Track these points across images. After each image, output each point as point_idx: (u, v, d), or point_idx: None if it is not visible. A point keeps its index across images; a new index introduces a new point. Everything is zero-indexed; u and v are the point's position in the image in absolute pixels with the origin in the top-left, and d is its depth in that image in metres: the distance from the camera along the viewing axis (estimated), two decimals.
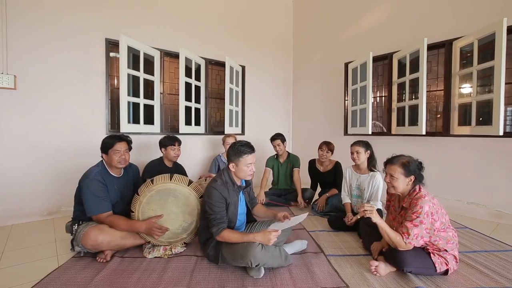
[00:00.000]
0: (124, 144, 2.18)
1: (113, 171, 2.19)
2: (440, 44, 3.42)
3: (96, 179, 2.04)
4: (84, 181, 2.04)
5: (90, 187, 2.00)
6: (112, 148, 2.11)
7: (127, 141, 2.22)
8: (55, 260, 2.03)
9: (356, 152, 2.70)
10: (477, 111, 3.06)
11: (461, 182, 3.27)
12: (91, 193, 2.00)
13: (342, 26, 4.56)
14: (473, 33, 3.00)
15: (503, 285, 1.71)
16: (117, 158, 2.12)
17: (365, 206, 1.81)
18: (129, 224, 2.04)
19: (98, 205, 2.01)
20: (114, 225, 2.02)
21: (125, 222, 2.04)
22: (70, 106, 3.12)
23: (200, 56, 4.10)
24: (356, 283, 1.73)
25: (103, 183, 2.06)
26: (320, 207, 3.21)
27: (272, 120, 5.17)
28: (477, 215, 3.12)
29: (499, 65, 2.67)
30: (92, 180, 2.03)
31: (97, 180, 2.04)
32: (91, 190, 2.00)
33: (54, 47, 3.02)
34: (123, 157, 2.15)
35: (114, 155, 2.11)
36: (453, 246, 1.78)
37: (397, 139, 3.83)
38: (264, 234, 1.79)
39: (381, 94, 4.24)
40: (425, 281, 1.74)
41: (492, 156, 3.03)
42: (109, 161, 2.13)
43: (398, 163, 1.81)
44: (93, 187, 2.01)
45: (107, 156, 2.13)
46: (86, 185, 2.01)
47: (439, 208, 1.75)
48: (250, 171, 1.95)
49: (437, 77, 3.59)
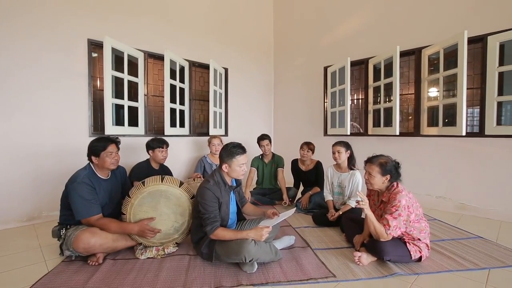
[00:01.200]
0: (115, 145, 2.19)
1: (101, 173, 2.18)
2: (411, 52, 3.71)
3: (84, 182, 2.02)
4: (72, 184, 2.01)
5: (79, 191, 1.99)
6: (105, 150, 2.10)
7: (116, 142, 2.23)
8: (44, 266, 1.99)
9: (337, 152, 2.87)
10: (443, 113, 3.36)
11: (430, 178, 3.57)
12: (79, 197, 1.98)
13: (321, 32, 4.77)
14: (440, 42, 3.30)
15: (467, 267, 1.94)
16: (110, 160, 2.12)
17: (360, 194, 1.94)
18: (121, 227, 2.05)
19: (87, 209, 1.99)
20: (105, 228, 2.02)
21: (116, 225, 2.05)
22: (52, 108, 3.03)
23: (184, 58, 4.12)
24: (342, 272, 1.88)
25: (91, 186, 2.05)
26: (303, 204, 3.36)
27: (255, 122, 5.29)
28: (445, 208, 3.43)
29: (462, 72, 2.96)
30: (80, 183, 2.01)
31: (86, 183, 2.02)
32: (80, 193, 1.98)
33: (34, 48, 2.92)
34: (115, 159, 2.16)
35: (107, 157, 2.11)
36: (425, 235, 1.99)
37: (373, 139, 4.09)
38: (257, 231, 1.89)
39: (358, 96, 4.49)
40: (402, 267, 1.93)
41: (457, 154, 3.35)
42: (101, 164, 2.12)
43: (376, 162, 1.99)
44: (81, 190, 1.99)
45: (99, 159, 2.11)
46: (74, 188, 1.99)
47: (414, 201, 1.95)
48: (242, 170, 2.04)
49: (409, 82, 3.89)
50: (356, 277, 1.82)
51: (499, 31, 3.00)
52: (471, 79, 3.31)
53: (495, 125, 3.07)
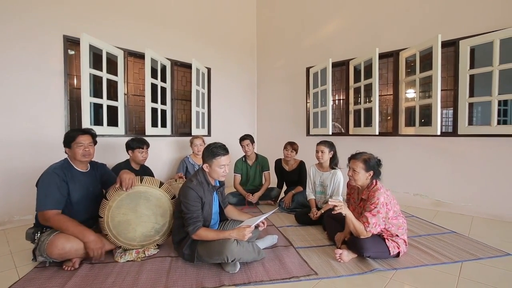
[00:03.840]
0: (88, 137, 2.09)
1: (77, 165, 2.09)
2: (389, 54, 3.84)
3: (54, 173, 1.92)
4: (43, 175, 1.93)
5: (45, 179, 1.90)
6: (75, 141, 2.01)
7: (90, 134, 2.13)
8: (14, 272, 1.89)
9: (321, 151, 2.92)
10: (420, 113, 3.49)
11: (408, 176, 3.70)
12: (43, 186, 1.88)
13: (303, 34, 4.84)
14: (416, 45, 3.43)
15: (441, 261, 2.03)
16: (81, 151, 2.03)
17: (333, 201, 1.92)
18: (79, 230, 1.87)
19: (45, 199, 1.85)
20: (60, 226, 1.85)
21: (74, 227, 1.86)
22: (25, 107, 2.89)
23: (166, 57, 4.04)
24: (323, 270, 1.91)
25: (62, 179, 1.94)
26: (286, 204, 3.39)
27: (238, 122, 5.27)
28: (421, 205, 3.56)
29: (436, 74, 3.09)
30: (50, 173, 1.92)
31: (55, 174, 1.92)
32: (45, 182, 1.89)
33: (5, 44, 2.77)
34: (87, 150, 2.06)
35: (77, 148, 2.02)
36: (403, 231, 2.05)
37: (354, 139, 4.19)
38: (239, 231, 1.88)
39: (339, 97, 4.58)
40: (381, 263, 1.98)
41: (432, 153, 3.49)
42: (73, 155, 2.04)
43: (360, 159, 2.04)
44: (47, 179, 1.90)
45: (70, 150, 2.03)
46: (42, 177, 1.92)
47: (392, 198, 2.01)
48: (223, 172, 2.02)
49: (387, 83, 4.01)
50: (337, 274, 1.85)
51: (469, 35, 3.16)
52: (445, 81, 3.46)
53: (467, 125, 3.22)
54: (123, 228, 2.06)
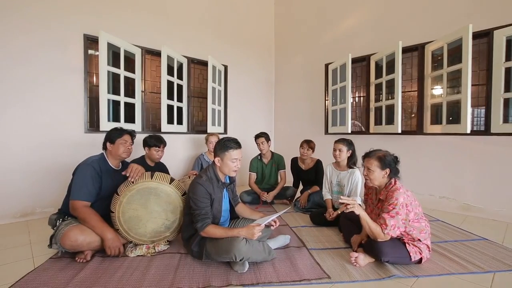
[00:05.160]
0: (130, 137, 2.26)
1: (112, 162, 2.20)
2: (413, 47, 3.61)
3: (91, 166, 2.05)
4: (81, 165, 2.06)
5: (83, 170, 2.03)
6: (121, 138, 2.17)
7: (131, 134, 2.30)
8: (31, 262, 1.95)
9: (338, 149, 2.78)
10: (447, 110, 3.25)
11: (433, 178, 3.46)
12: (80, 177, 2.01)
13: (322, 29, 4.69)
14: (443, 37, 3.19)
15: (470, 270, 1.84)
16: (124, 148, 2.17)
17: (345, 199, 1.83)
18: (100, 227, 1.94)
19: (79, 190, 1.97)
20: (85, 218, 1.93)
21: (96, 223, 1.94)
22: (46, 104, 3.00)
23: (182, 55, 4.07)
24: (337, 274, 1.79)
25: (97, 173, 2.06)
26: (302, 203, 3.28)
27: (255, 119, 5.21)
28: (448, 209, 3.31)
29: (466, 68, 2.86)
30: (88, 165, 2.05)
31: (92, 167, 2.04)
32: (82, 173, 2.01)
33: (29, 44, 2.89)
34: (129, 148, 2.22)
35: (121, 145, 2.16)
36: (425, 235, 1.89)
37: (375, 138, 3.99)
38: (248, 229, 1.82)
39: (359, 94, 4.40)
40: (401, 269, 1.83)
41: (461, 153, 3.23)
42: (115, 151, 2.16)
43: (374, 156, 1.91)
44: (85, 171, 2.02)
45: (113, 146, 2.16)
46: (80, 168, 2.05)
47: (413, 199, 1.85)
48: (235, 167, 1.97)
49: (411, 79, 3.78)
50: (352, 278, 1.73)
51: (505, 25, 2.89)
52: (476, 76, 3.20)
53: (501, 123, 2.95)
54: (134, 223, 2.06)
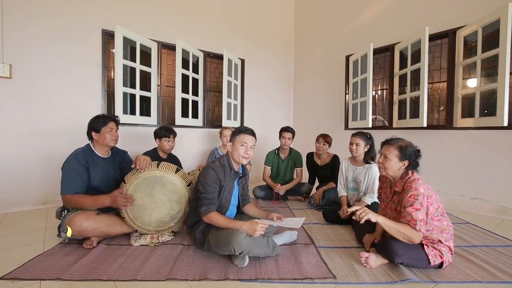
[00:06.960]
0: (114, 123, 2.19)
1: (100, 151, 2.17)
2: (443, 34, 3.30)
3: (75, 158, 2.02)
4: (66, 160, 2.04)
5: (67, 165, 2.01)
6: (106, 126, 2.10)
7: (115, 121, 2.23)
8: (41, 246, 2.02)
9: (355, 144, 2.60)
10: (480, 102, 2.93)
11: (464, 177, 3.14)
12: (64, 172, 1.99)
13: (343, 19, 4.46)
14: (477, 20, 2.88)
15: (501, 279, 1.61)
16: (111, 136, 2.12)
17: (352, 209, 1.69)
18: (93, 199, 1.97)
19: (66, 184, 1.97)
20: (79, 204, 1.96)
21: (88, 199, 1.98)
22: (66, 97, 3.13)
23: (198, 49, 4.06)
24: (344, 274, 1.65)
25: (82, 164, 2.03)
26: (316, 200, 3.14)
27: (273, 114, 5.10)
28: (481, 211, 2.99)
29: (504, 53, 2.54)
30: (72, 159, 2.02)
31: (76, 160, 2.01)
32: (67, 167, 2.00)
33: (50, 38, 3.03)
34: (115, 135, 2.16)
35: (107, 133, 2.11)
36: (447, 236, 1.68)
37: (398, 133, 3.67)
38: (251, 224, 1.72)
39: (382, 87, 4.13)
40: (418, 273, 1.65)
41: (496, 149, 2.90)
42: (102, 140, 2.12)
43: (395, 145, 1.73)
44: (68, 164, 2.00)
45: (99, 135, 2.11)
46: (64, 163, 2.02)
47: (433, 193, 1.66)
48: (244, 152, 1.91)
49: (440, 68, 3.47)
50: (360, 280, 1.58)
51: None
52: None
53: None
54: (139, 212, 2.07)
